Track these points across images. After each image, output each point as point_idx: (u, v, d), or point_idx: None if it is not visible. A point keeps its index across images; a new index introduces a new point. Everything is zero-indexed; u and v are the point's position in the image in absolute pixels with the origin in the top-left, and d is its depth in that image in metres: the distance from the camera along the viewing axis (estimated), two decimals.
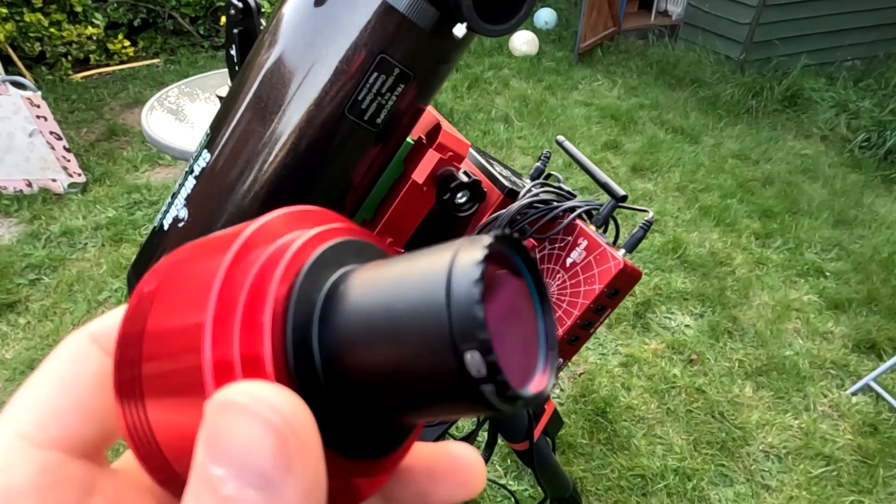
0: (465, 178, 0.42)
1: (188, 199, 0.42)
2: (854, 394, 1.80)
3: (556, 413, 0.84)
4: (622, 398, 1.76)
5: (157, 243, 0.43)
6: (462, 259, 0.13)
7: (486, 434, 0.89)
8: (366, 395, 0.15)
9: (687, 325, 2.03)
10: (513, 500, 1.14)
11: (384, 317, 0.14)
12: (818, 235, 2.46)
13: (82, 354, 0.17)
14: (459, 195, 0.43)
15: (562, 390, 1.78)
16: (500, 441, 0.92)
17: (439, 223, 0.48)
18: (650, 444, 1.64)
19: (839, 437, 1.68)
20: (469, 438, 0.81)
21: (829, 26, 3.65)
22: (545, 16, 4.55)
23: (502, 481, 1.52)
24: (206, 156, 0.41)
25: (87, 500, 0.16)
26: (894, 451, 1.63)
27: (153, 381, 0.15)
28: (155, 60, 3.88)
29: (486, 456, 0.90)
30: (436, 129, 0.45)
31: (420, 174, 0.44)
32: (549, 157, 0.58)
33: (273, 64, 0.39)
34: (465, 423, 1.47)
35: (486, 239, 0.14)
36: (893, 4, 3.65)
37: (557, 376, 0.49)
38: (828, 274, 2.27)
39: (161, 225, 0.43)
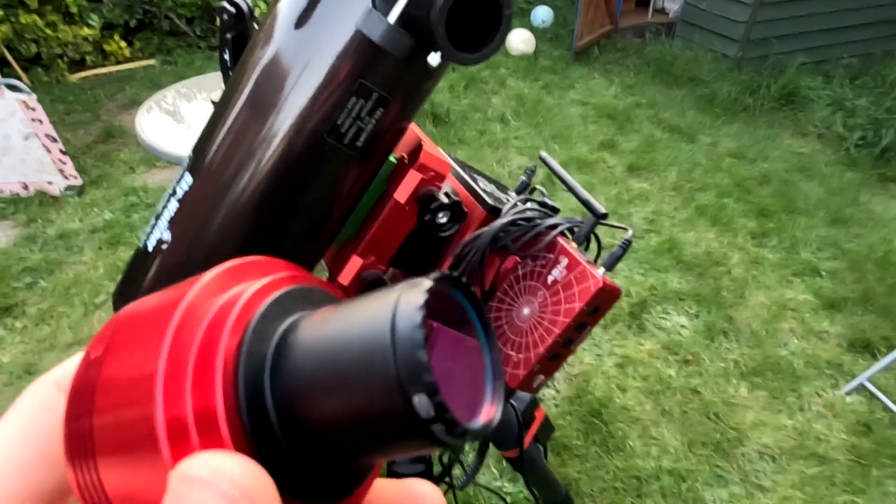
0: (445, 200, 0.43)
1: (171, 221, 0.42)
2: (848, 393, 1.80)
3: (546, 420, 0.85)
4: (617, 399, 1.77)
5: (141, 265, 0.44)
6: (404, 304, 0.14)
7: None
8: (321, 441, 0.15)
9: (682, 326, 2.04)
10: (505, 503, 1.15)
11: (333, 365, 0.14)
12: (814, 234, 2.46)
13: (46, 402, 0.17)
14: (440, 215, 0.43)
15: (557, 392, 1.79)
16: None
17: (423, 240, 0.48)
18: (645, 445, 1.65)
19: (833, 437, 1.68)
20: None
21: (826, 24, 3.65)
22: (542, 14, 4.54)
23: (497, 483, 1.53)
24: (188, 179, 0.41)
25: None
26: (888, 450, 1.64)
27: (105, 437, 0.15)
28: (151, 61, 3.88)
29: (479, 462, 0.90)
30: (417, 149, 0.45)
31: (402, 194, 0.44)
32: (534, 171, 0.58)
33: (254, 87, 0.40)
34: None
35: (427, 283, 0.14)
36: (890, 1, 3.64)
37: (538, 384, 0.49)
38: (823, 273, 2.27)
39: (145, 246, 0.44)
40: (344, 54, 0.36)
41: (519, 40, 4.11)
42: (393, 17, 0.32)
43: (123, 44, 3.79)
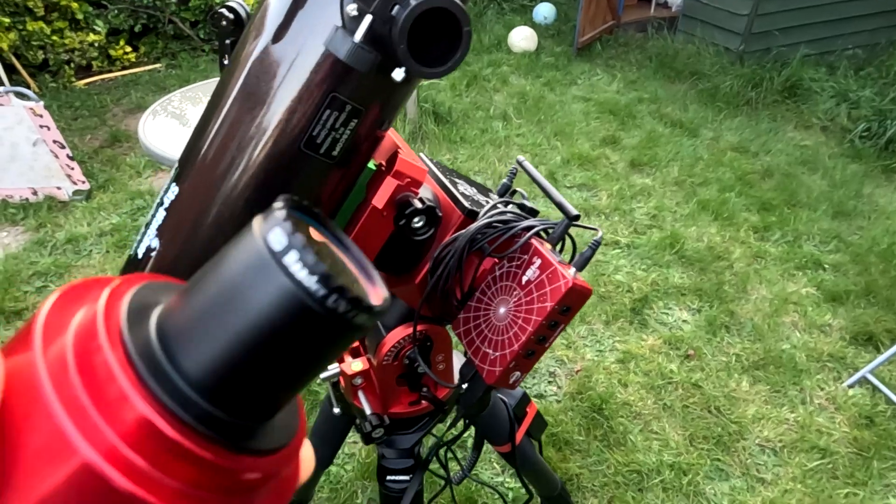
0: (419, 205, 0.44)
1: (160, 229, 0.44)
2: (851, 386, 1.80)
3: (538, 415, 0.87)
4: (619, 394, 1.78)
5: (133, 272, 0.46)
6: (262, 218, 0.15)
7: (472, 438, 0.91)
8: (247, 386, 0.15)
9: (684, 321, 2.04)
10: (503, 500, 1.17)
11: (219, 301, 0.15)
12: (817, 227, 2.46)
13: None
14: (416, 220, 0.45)
15: (559, 387, 1.81)
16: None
17: (403, 244, 0.50)
18: (646, 439, 1.66)
19: (835, 429, 1.69)
20: (454, 441, 0.83)
21: (829, 15, 3.62)
22: (544, 11, 4.54)
23: (499, 479, 1.54)
24: (174, 189, 0.43)
25: None
26: (890, 443, 1.64)
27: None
28: (156, 66, 3.92)
29: (475, 457, 0.92)
30: (394, 156, 0.47)
31: (379, 200, 0.46)
32: (515, 174, 0.60)
33: (234, 99, 0.42)
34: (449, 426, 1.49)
35: (277, 201, 0.16)
36: None
37: (514, 380, 0.51)
38: (826, 266, 2.27)
39: (136, 254, 0.46)
40: (316, 70, 0.38)
41: (520, 38, 4.11)
42: (358, 35, 0.34)
43: (129, 49, 3.83)
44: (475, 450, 0.92)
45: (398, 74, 0.35)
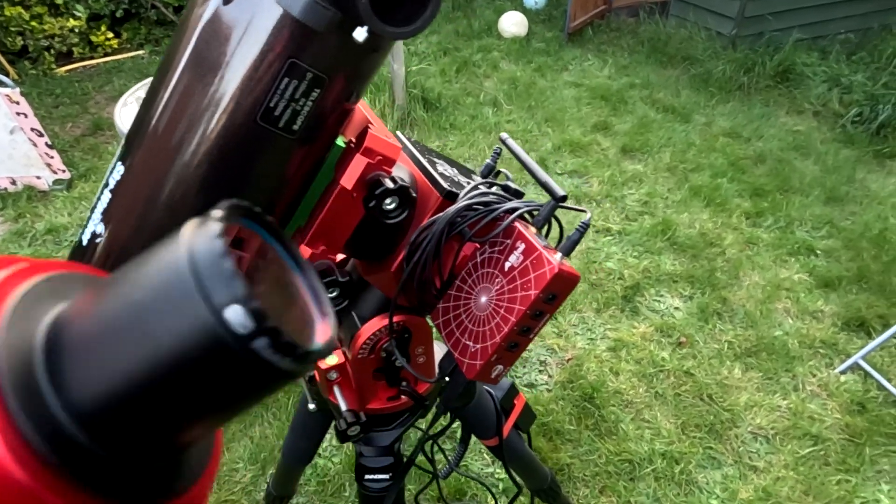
0: (390, 185, 0.41)
1: (105, 213, 0.40)
2: (843, 373, 1.79)
3: (527, 407, 0.84)
4: (610, 383, 1.76)
5: (78, 261, 0.42)
6: (193, 229, 0.12)
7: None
8: (139, 425, 0.12)
9: (676, 308, 2.02)
10: (491, 493, 1.14)
11: (126, 322, 0.12)
12: (809, 213, 2.44)
13: None
14: (387, 201, 0.41)
15: (549, 376, 1.78)
16: None
17: (378, 227, 0.46)
18: (638, 428, 1.64)
19: (827, 416, 1.67)
20: (440, 435, 0.80)
21: None
22: None
23: (489, 469, 1.52)
24: (119, 168, 0.39)
25: None
26: (882, 429, 1.63)
27: None
28: (140, 52, 3.84)
29: (461, 451, 0.89)
30: (364, 132, 0.43)
31: (348, 180, 0.42)
32: (499, 153, 0.56)
33: (183, 70, 0.38)
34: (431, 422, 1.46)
35: (216, 213, 0.13)
36: None
37: (496, 374, 0.48)
38: (818, 252, 2.25)
39: (81, 241, 0.42)
40: (273, 32, 0.34)
41: (511, 23, 4.06)
42: None
43: (111, 35, 3.75)
44: (462, 444, 0.89)
45: (360, 34, 0.31)
